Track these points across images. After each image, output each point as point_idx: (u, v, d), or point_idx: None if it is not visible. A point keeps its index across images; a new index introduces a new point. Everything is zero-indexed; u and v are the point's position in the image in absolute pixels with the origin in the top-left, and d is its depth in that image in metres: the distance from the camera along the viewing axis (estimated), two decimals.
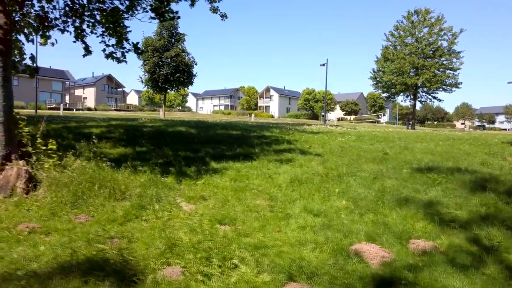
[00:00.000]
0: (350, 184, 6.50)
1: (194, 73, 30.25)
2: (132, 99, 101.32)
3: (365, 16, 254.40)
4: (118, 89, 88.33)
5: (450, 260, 3.78)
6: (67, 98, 73.40)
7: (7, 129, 5.70)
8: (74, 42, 8.60)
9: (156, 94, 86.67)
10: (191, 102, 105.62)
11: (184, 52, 29.32)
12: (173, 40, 29.30)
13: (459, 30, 35.49)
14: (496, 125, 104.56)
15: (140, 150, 9.04)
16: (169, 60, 28.18)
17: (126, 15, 7.74)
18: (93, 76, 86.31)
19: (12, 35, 6.83)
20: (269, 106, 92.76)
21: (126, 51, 8.69)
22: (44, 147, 5.97)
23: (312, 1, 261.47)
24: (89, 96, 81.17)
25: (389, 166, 7.47)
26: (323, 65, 36.81)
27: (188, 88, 33.10)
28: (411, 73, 36.28)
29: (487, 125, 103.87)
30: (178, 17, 8.04)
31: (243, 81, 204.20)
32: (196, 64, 30.34)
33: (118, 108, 71.63)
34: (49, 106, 58.42)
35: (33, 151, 5.92)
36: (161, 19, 7.76)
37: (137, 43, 8.64)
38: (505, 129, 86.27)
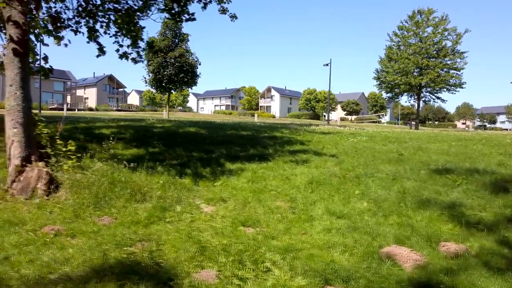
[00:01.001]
0: (369, 185, 6.47)
1: (198, 73, 30.28)
2: (133, 99, 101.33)
3: (366, 16, 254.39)
4: (119, 90, 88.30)
5: (484, 263, 3.74)
6: (68, 98, 73.42)
7: (26, 130, 5.66)
8: (88, 42, 8.57)
9: (157, 95, 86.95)
10: (192, 102, 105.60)
11: (188, 52, 29.31)
12: (176, 40, 29.27)
13: (464, 31, 35.51)
14: (497, 125, 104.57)
15: (153, 151, 9.00)
16: (173, 60, 28.15)
17: (141, 15, 7.69)
18: (94, 76, 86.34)
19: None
20: (270, 106, 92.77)
21: (141, 50, 8.65)
22: (64, 149, 5.93)
23: (312, 1, 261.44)
24: (91, 96, 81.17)
25: (406, 167, 7.44)
26: (327, 65, 36.79)
27: (191, 89, 33.05)
28: (415, 73, 36.25)
29: (488, 125, 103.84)
30: (194, 19, 8.00)
31: (244, 81, 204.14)
32: (200, 64, 30.36)
33: (119, 108, 71.55)
34: (50, 107, 58.39)
35: (52, 152, 5.88)
36: (178, 20, 7.72)
37: (152, 41, 8.60)
38: (506, 129, 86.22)
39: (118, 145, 9.31)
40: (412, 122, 49.22)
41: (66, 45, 8.60)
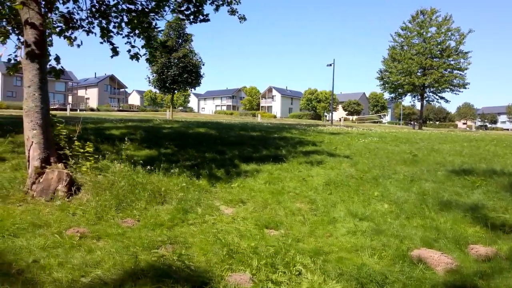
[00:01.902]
0: (387, 187, 6.44)
1: (202, 73, 30.20)
2: (134, 99, 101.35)
3: (367, 16, 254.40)
4: (121, 90, 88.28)
5: None
6: (69, 98, 73.42)
7: (45, 131, 5.63)
8: (101, 43, 8.54)
9: (158, 95, 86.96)
10: (193, 102, 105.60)
11: (191, 53, 29.26)
12: (180, 40, 29.23)
13: (467, 31, 35.48)
14: (498, 125, 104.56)
15: (165, 152, 8.98)
16: (176, 60, 28.09)
17: (156, 16, 7.66)
18: (95, 77, 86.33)
19: None
20: (271, 106, 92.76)
21: (154, 50, 8.61)
22: (82, 150, 5.90)
23: (313, 1, 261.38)
24: (92, 96, 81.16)
25: (422, 168, 7.41)
26: (330, 65, 36.78)
27: (195, 89, 33.01)
28: (418, 73, 36.22)
29: (489, 125, 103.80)
30: (208, 20, 7.97)
31: (245, 81, 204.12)
32: (203, 65, 30.29)
33: (120, 108, 71.49)
34: (52, 107, 58.31)
35: (70, 153, 5.86)
36: (192, 21, 7.69)
37: (165, 41, 8.58)
38: (507, 129, 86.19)
39: (129, 146, 9.29)
40: (413, 122, 49.22)
41: (78, 45, 8.58)
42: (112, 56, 8.34)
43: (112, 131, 11.24)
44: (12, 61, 7.85)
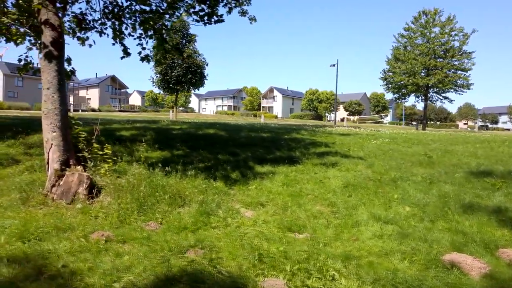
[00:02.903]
0: (406, 189, 6.39)
1: (206, 74, 30.17)
2: (135, 99, 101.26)
3: (369, 16, 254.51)
4: (122, 90, 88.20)
5: None
6: (71, 99, 73.33)
7: (64, 133, 5.59)
8: (113, 44, 8.51)
9: (160, 95, 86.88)
10: (193, 102, 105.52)
11: (195, 53, 29.23)
12: (184, 41, 29.19)
13: (471, 31, 35.44)
14: (499, 125, 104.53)
15: (177, 153, 8.93)
16: (180, 61, 28.04)
17: (171, 18, 7.62)
18: (96, 77, 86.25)
19: None
20: (272, 107, 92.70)
21: (165, 52, 8.57)
22: (101, 152, 5.85)
23: (315, 2, 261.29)
24: (93, 97, 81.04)
25: (438, 170, 7.37)
26: (334, 65, 36.73)
27: (198, 90, 32.95)
28: (422, 74, 36.16)
29: (490, 125, 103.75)
30: (223, 20, 7.92)
31: (245, 81, 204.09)
32: (207, 65, 30.28)
33: (121, 109, 71.39)
34: None
35: (89, 156, 5.81)
36: (206, 22, 7.64)
37: (177, 43, 8.55)
38: (508, 129, 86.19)
39: (141, 147, 9.24)
40: (416, 122, 49.15)
41: (90, 45, 8.56)
42: (122, 58, 8.28)
43: (121, 132, 11.19)
44: (23, 62, 7.82)
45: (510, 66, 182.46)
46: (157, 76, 29.51)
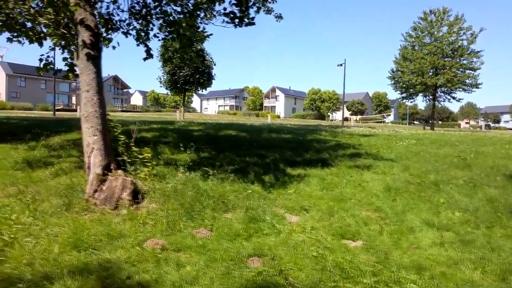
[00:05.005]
0: (450, 193, 6.24)
1: (213, 74, 30.03)
2: (136, 99, 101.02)
3: (371, 15, 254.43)
4: (124, 90, 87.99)
5: None
6: (74, 99, 73.06)
7: (104, 137, 5.43)
8: (137, 45, 8.34)
9: (161, 95, 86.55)
10: (195, 102, 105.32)
11: (204, 53, 29.03)
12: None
13: (479, 29, 35.25)
14: (502, 124, 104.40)
15: (204, 155, 8.76)
16: (189, 61, 27.85)
17: (204, 20, 7.48)
18: None
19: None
20: (274, 106, 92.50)
21: (190, 56, 8.41)
22: (140, 156, 5.70)
23: (316, 2, 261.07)
24: None
25: (477, 172, 7.22)
26: (341, 65, 36.60)
27: (206, 90, 32.76)
28: (430, 73, 35.99)
29: (492, 125, 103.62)
30: (254, 23, 7.76)
31: (247, 81, 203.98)
32: (215, 65, 30.13)
33: (124, 109, 71.11)
34: (56, 108, 58.04)
35: (129, 160, 5.65)
36: (237, 24, 7.48)
37: (200, 49, 8.40)
38: (511, 129, 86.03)
39: (166, 149, 9.07)
40: (417, 122, 48.95)
41: (114, 47, 8.38)
42: (145, 59, 8.09)
43: (142, 133, 11.01)
44: (44, 62, 7.66)
45: (511, 65, 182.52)
46: (165, 77, 29.39)
